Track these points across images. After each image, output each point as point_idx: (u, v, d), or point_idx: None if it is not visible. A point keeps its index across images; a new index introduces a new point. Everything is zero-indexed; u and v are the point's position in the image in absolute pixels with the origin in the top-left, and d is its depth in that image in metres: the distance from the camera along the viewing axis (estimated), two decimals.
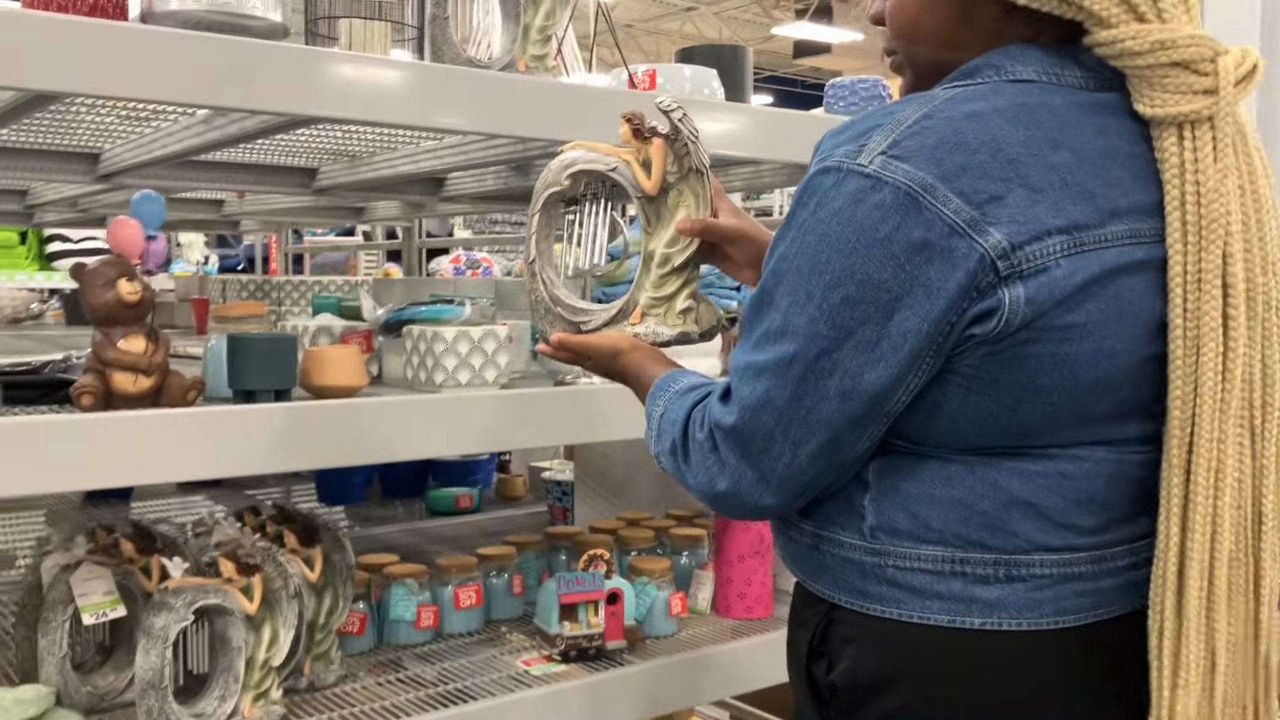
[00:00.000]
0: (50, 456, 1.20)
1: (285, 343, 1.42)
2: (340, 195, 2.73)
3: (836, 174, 0.91)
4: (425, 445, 1.48)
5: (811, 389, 0.92)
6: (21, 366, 1.47)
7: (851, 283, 0.89)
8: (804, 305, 0.91)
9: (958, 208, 0.87)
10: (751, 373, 0.96)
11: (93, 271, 1.38)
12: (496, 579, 1.97)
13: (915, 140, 0.89)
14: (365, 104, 1.43)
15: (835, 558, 1.02)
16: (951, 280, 0.87)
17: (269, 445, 1.35)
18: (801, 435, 0.94)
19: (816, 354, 0.91)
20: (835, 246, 0.90)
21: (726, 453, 0.98)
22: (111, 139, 2.13)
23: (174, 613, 1.41)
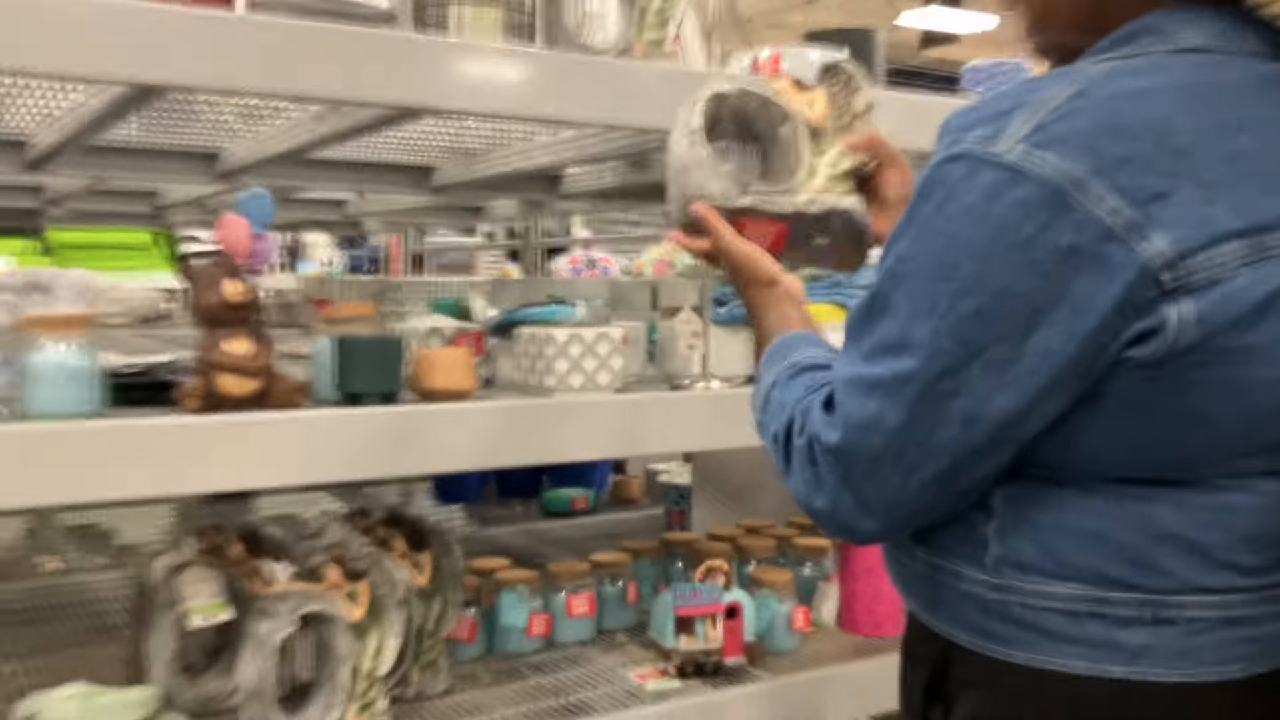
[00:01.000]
0: (146, 460, 1.17)
1: (392, 345, 1.37)
2: (457, 194, 2.70)
3: (968, 163, 0.79)
4: (533, 452, 1.41)
5: (930, 412, 0.82)
6: (131, 368, 1.45)
7: (984, 293, 0.78)
8: (926, 316, 0.81)
9: (1115, 207, 0.75)
10: (861, 387, 0.85)
11: (198, 272, 1.35)
12: (610, 587, 1.90)
13: (1065, 124, 0.77)
14: (482, 95, 1.37)
15: (953, 590, 0.91)
16: (1104, 294, 0.76)
17: (374, 450, 1.31)
18: (915, 462, 0.84)
19: (939, 373, 0.81)
20: (965, 249, 0.79)
21: (826, 471, 0.88)
22: (230, 137, 2.14)
23: (278, 619, 1.38)
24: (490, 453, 1.38)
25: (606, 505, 2.89)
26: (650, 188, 2.47)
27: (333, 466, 1.28)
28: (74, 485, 1.14)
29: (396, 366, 1.38)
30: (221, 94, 1.48)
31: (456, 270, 5.94)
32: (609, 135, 1.88)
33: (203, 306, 1.34)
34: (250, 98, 1.61)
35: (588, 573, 1.85)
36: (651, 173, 2.31)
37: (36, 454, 1.12)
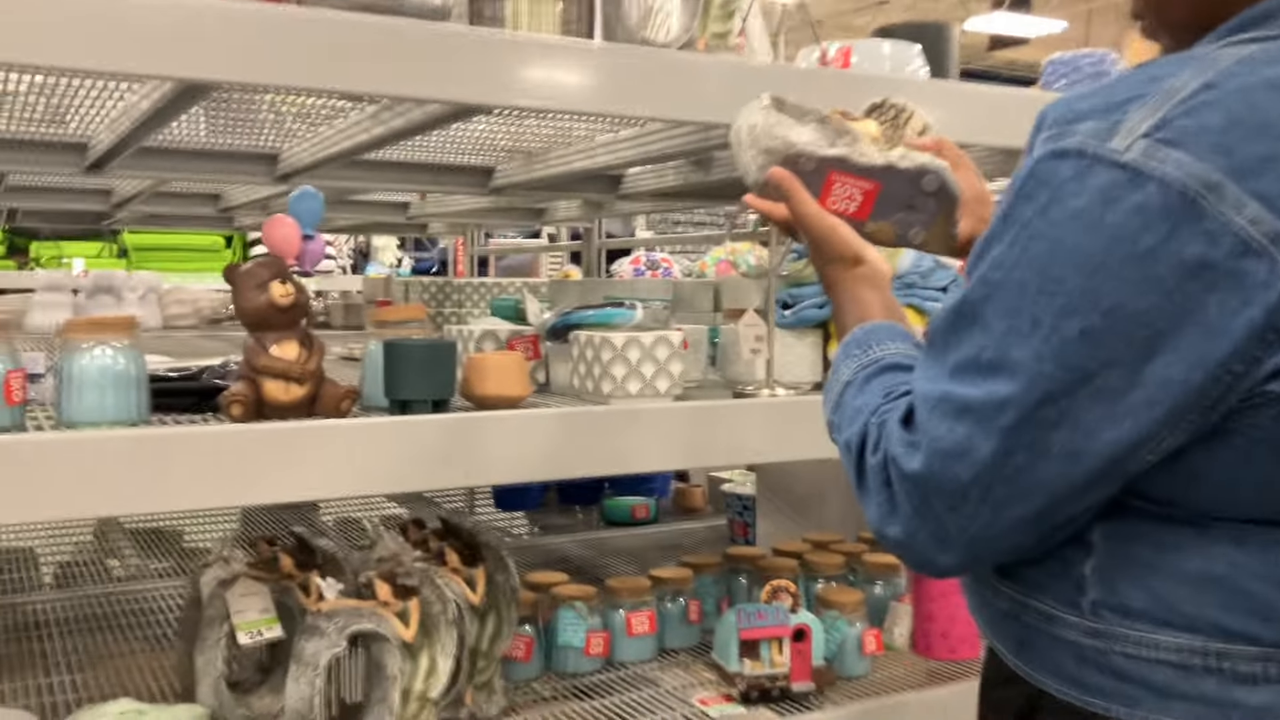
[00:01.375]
0: (183, 472, 1.12)
1: (443, 350, 1.31)
2: (518, 195, 2.65)
3: (1079, 161, 0.71)
4: (587, 463, 1.34)
5: (1027, 443, 0.73)
6: (179, 372, 1.41)
7: (1095, 311, 0.70)
8: (1026, 335, 0.72)
9: (1255, 215, 0.66)
10: (949, 410, 0.76)
11: (245, 273, 1.30)
12: (671, 604, 1.82)
13: (1194, 119, 0.68)
14: (541, 92, 1.31)
15: (1043, 634, 0.83)
16: (1241, 317, 0.67)
17: (423, 461, 1.25)
18: (1006, 498, 0.75)
19: (1039, 400, 0.72)
20: (1074, 260, 0.70)
21: (902, 498, 0.79)
22: (290, 139, 2.10)
23: (326, 638, 1.32)
24: (542, 464, 1.31)
25: (668, 514, 2.82)
26: (713, 187, 2.39)
27: (380, 478, 1.22)
28: (107, 498, 1.09)
29: (448, 372, 1.32)
30: (271, 90, 1.43)
31: (519, 273, 5.92)
32: (671, 133, 1.81)
33: (249, 309, 1.29)
34: (301, 95, 1.56)
35: (648, 589, 1.77)
36: (714, 172, 2.24)
37: (69, 465, 1.07)
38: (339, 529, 2.72)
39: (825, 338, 1.72)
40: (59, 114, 1.87)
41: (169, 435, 1.13)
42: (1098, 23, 12.47)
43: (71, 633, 1.86)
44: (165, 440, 1.13)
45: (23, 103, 1.78)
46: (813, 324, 1.69)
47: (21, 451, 1.05)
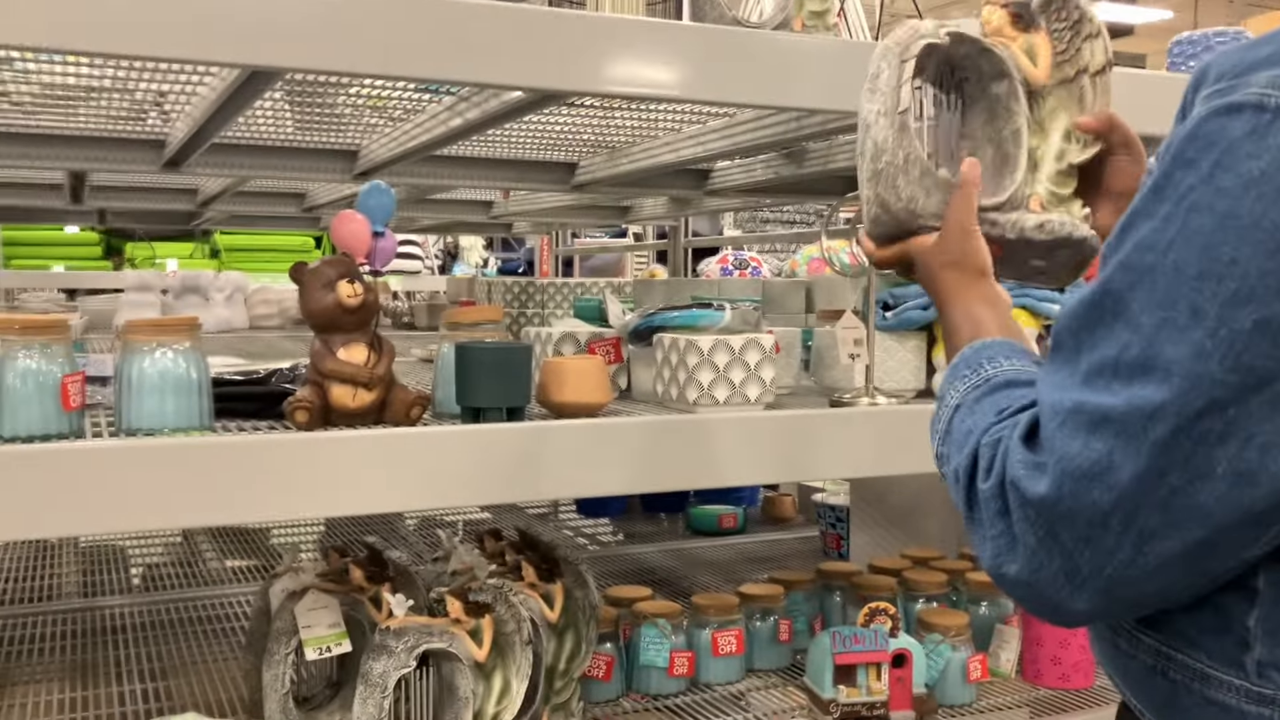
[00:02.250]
0: (236, 482, 1.05)
1: (517, 354, 1.23)
2: (602, 191, 2.57)
3: (1257, 115, 0.59)
4: (670, 476, 1.25)
5: (1183, 461, 0.61)
6: (247, 375, 1.35)
7: (1277, 299, 0.58)
8: (1185, 328, 0.61)
9: None
10: (1085, 421, 0.65)
11: (311, 272, 1.23)
12: (760, 623, 1.72)
13: None
14: (626, 77, 1.21)
15: (1195, 695, 0.70)
16: None
17: (494, 473, 1.16)
18: (1154, 529, 0.63)
19: (1201, 409, 0.61)
20: (1250, 236, 0.59)
21: (1024, 528, 0.67)
22: (368, 134, 2.05)
23: (394, 657, 1.25)
24: (621, 478, 1.22)
25: (756, 523, 2.71)
26: (805, 181, 2.28)
27: (446, 491, 1.14)
28: (155, 511, 1.03)
29: (523, 378, 1.24)
30: (341, 77, 1.37)
31: (604, 273, 5.85)
32: (762, 123, 1.71)
33: (315, 310, 1.23)
34: (374, 83, 1.49)
35: (736, 607, 1.67)
36: (807, 165, 2.13)
37: (118, 475, 1.01)
38: (420, 532, 2.67)
39: (930, 341, 1.59)
40: (138, 110, 1.85)
41: (224, 444, 1.07)
42: (1205, 10, 12.00)
43: (151, 639, 1.82)
44: (219, 450, 1.06)
45: (105, 99, 1.75)
46: (916, 326, 1.56)
47: (66, 461, 0.99)
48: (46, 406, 1.11)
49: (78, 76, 1.56)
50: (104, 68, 1.52)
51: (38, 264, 5.72)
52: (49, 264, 5.73)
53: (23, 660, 1.73)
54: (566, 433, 1.21)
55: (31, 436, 1.10)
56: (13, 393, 1.09)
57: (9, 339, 1.10)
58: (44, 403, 1.10)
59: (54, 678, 1.66)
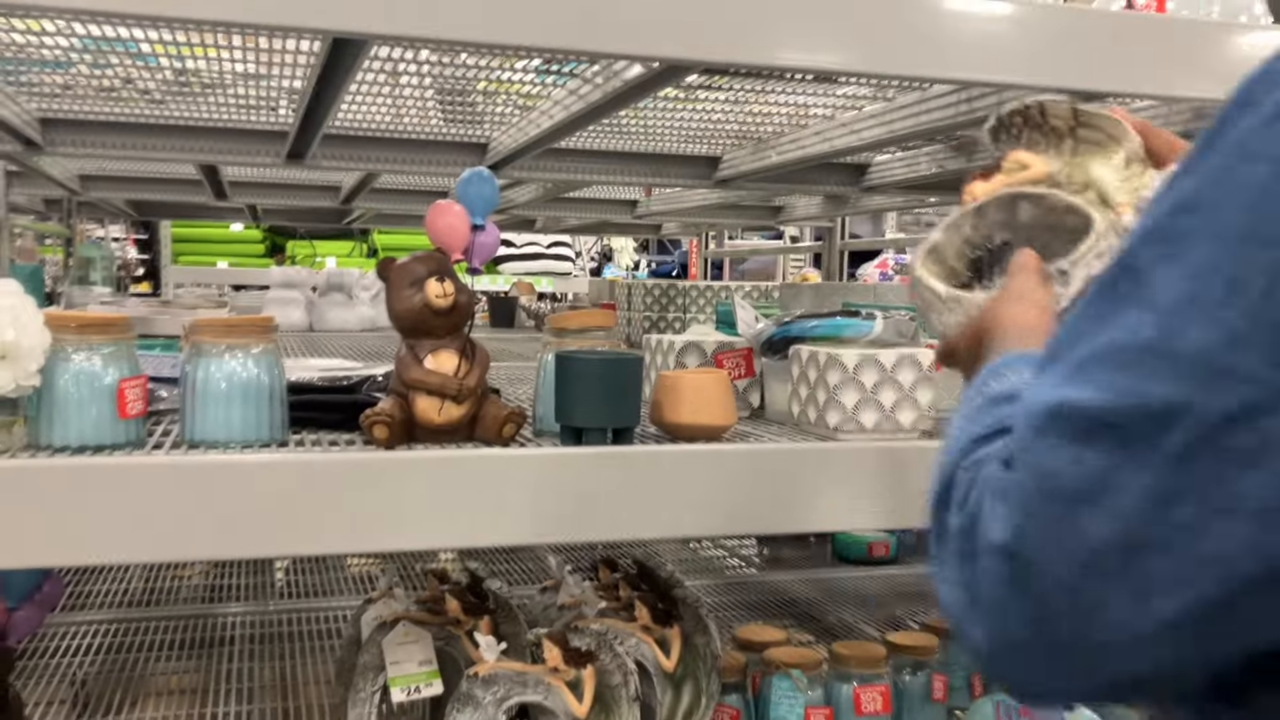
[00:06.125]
0: (296, 507, 0.91)
1: (626, 367, 1.06)
2: (748, 188, 2.38)
3: None
4: (803, 516, 1.05)
5: (1202, 486, 0.44)
6: (335, 382, 1.23)
7: None
8: (1219, 304, 0.45)
9: None
10: (1070, 427, 0.48)
11: (400, 268, 1.09)
12: (910, 677, 1.50)
13: None
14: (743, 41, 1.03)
15: None
16: None
17: (594, 505, 0.99)
18: (1159, 577, 0.45)
19: (1230, 413, 0.44)
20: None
21: (986, 577, 0.50)
22: (498, 126, 1.93)
23: (481, 710, 1.10)
24: (743, 514, 1.03)
25: (911, 551, 2.46)
26: None
27: (539, 525, 0.98)
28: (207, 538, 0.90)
29: (631, 395, 1.06)
30: (429, 45, 1.23)
31: (757, 278, 5.66)
32: (924, 106, 1.50)
33: (401, 311, 1.08)
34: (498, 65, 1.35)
35: (883, 658, 1.46)
36: (977, 158, 1.90)
37: (162, 494, 0.89)
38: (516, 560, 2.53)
39: None
40: (267, 101, 1.77)
41: (286, 463, 0.93)
42: None
43: (250, 654, 1.73)
44: (281, 469, 0.92)
45: (231, 91, 1.68)
46: None
47: (100, 476, 0.87)
48: (101, 413, 0.99)
49: (207, 64, 1.49)
50: (228, 59, 1.44)
51: (204, 260, 5.90)
52: (214, 260, 5.89)
53: (115, 671, 1.66)
54: (679, 460, 1.03)
55: (84, 446, 0.99)
56: (64, 397, 0.98)
57: (64, 338, 0.99)
58: (98, 409, 0.99)
59: (150, 693, 1.58)
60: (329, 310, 3.48)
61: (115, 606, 1.96)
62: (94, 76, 1.62)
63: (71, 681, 1.61)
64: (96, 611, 1.92)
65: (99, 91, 1.74)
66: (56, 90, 1.74)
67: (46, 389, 0.98)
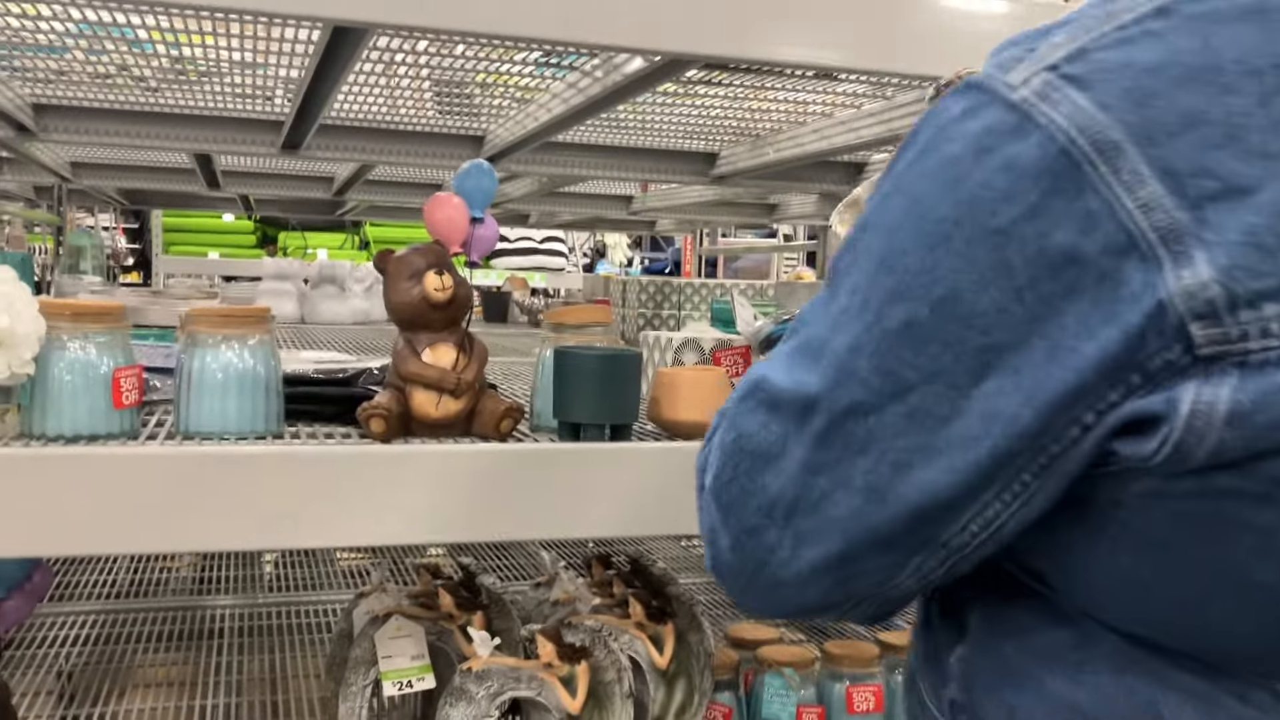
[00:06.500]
0: (282, 499, 0.90)
1: (624, 363, 1.05)
2: (746, 185, 2.38)
3: (975, 95, 0.51)
4: None
5: (834, 463, 0.55)
6: (331, 374, 1.22)
7: (924, 300, 0.50)
8: (854, 317, 0.54)
9: (1152, 199, 0.45)
10: (761, 400, 0.58)
11: (398, 261, 1.08)
12: (903, 677, 1.50)
13: (1120, 52, 0.47)
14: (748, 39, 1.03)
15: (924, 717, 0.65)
16: (1093, 342, 0.46)
17: (586, 502, 0.99)
18: (807, 531, 0.56)
19: (848, 407, 0.54)
20: (921, 226, 0.51)
21: (705, 515, 0.62)
22: (494, 119, 1.92)
23: (474, 704, 1.09)
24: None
25: None
26: None
27: (527, 522, 0.97)
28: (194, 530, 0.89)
29: (629, 391, 1.06)
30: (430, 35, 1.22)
31: (751, 275, 5.66)
32: (920, 107, 1.49)
33: (398, 304, 1.08)
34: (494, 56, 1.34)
35: (875, 657, 1.46)
36: None
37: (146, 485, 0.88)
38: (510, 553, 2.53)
39: None
40: (263, 91, 1.76)
41: (270, 455, 0.93)
42: None
43: (239, 646, 1.73)
44: (266, 461, 0.92)
45: (227, 80, 1.67)
46: None
47: (92, 466, 0.87)
48: (96, 402, 0.98)
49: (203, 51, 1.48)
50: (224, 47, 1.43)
51: (195, 250, 5.88)
52: (205, 251, 5.87)
53: (103, 662, 1.65)
54: (674, 457, 1.02)
55: (78, 436, 0.98)
56: (58, 386, 0.97)
57: (58, 326, 0.98)
58: (93, 398, 0.98)
59: (138, 684, 1.58)
60: (321, 302, 3.47)
61: (103, 598, 1.95)
62: (89, 63, 1.61)
63: (59, 673, 1.60)
64: (84, 602, 1.91)
65: (93, 78, 1.73)
66: (50, 76, 1.72)
67: (40, 377, 0.97)
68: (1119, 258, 0.46)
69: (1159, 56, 0.46)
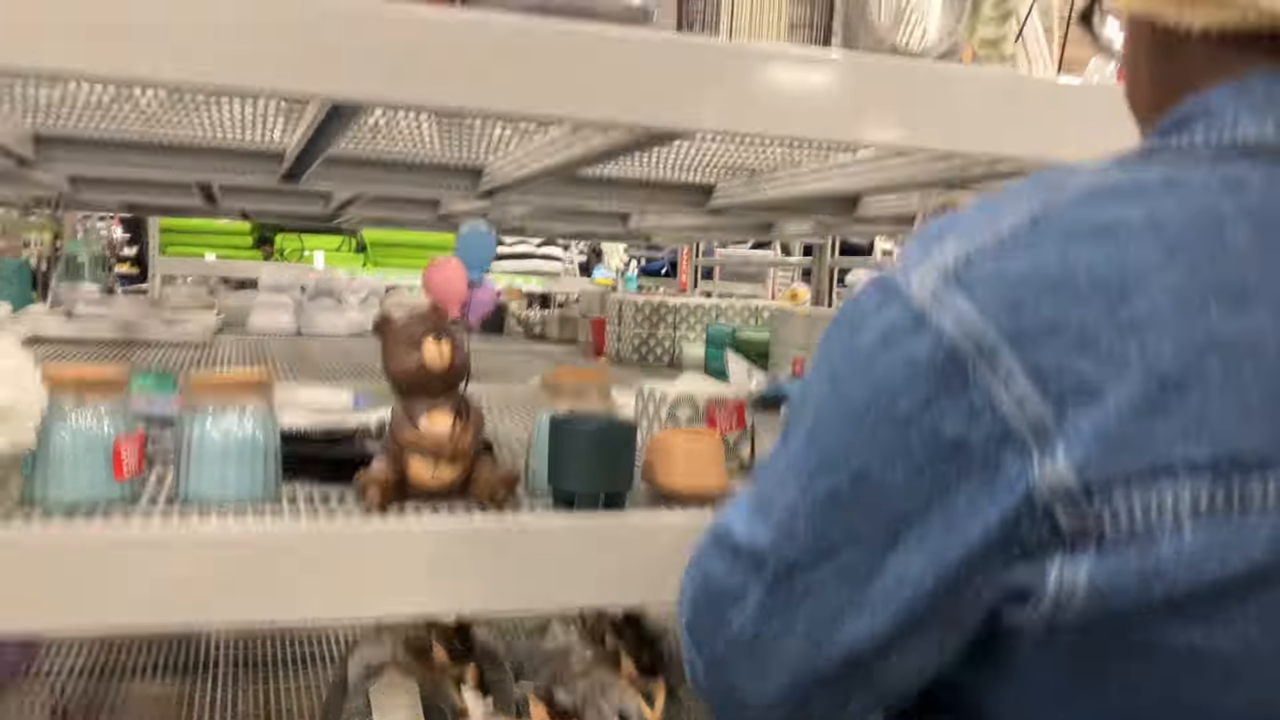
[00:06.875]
0: (277, 577, 0.92)
1: (618, 434, 1.06)
2: (741, 214, 2.40)
3: (884, 291, 0.58)
4: None
5: (781, 606, 0.61)
6: (329, 432, 1.23)
7: (844, 472, 0.58)
8: (793, 480, 0.61)
9: (1024, 396, 0.51)
10: (725, 546, 0.65)
11: (397, 329, 1.10)
12: None
13: (999, 262, 0.54)
14: (764, 114, 1.04)
15: None
16: (979, 518, 0.53)
17: (581, 574, 1.01)
18: (764, 666, 0.63)
19: (790, 563, 0.61)
20: (841, 407, 0.58)
21: (683, 643, 0.70)
22: (494, 151, 1.93)
23: None
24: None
25: None
26: None
27: (524, 592, 0.99)
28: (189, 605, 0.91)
29: (623, 461, 1.07)
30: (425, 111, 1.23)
31: (747, 279, 5.67)
32: (915, 159, 1.51)
33: (397, 371, 1.09)
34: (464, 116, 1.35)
35: None
36: None
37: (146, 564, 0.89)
38: None
39: None
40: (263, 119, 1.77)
41: (267, 536, 0.94)
42: None
43: (234, 678, 1.74)
44: (263, 541, 0.93)
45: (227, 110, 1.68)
46: None
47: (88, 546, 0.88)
48: (96, 471, 1.00)
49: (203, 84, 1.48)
50: None
51: (192, 250, 5.88)
52: (201, 251, 5.87)
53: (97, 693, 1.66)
54: (671, 530, 1.04)
55: (79, 503, 0.99)
56: (59, 456, 0.99)
57: (61, 395, 0.99)
58: (94, 468, 1.00)
59: (130, 717, 1.59)
60: (317, 315, 3.48)
61: None
62: (88, 92, 1.62)
63: (54, 709, 1.61)
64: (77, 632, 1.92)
65: (93, 108, 1.74)
66: (50, 105, 1.73)
67: (42, 446, 0.98)
68: (999, 446, 0.52)
69: (1027, 267, 0.53)
